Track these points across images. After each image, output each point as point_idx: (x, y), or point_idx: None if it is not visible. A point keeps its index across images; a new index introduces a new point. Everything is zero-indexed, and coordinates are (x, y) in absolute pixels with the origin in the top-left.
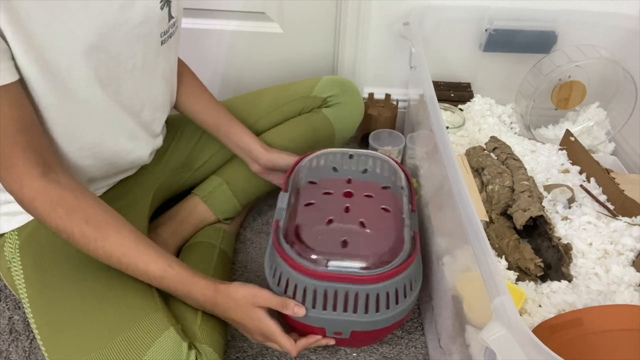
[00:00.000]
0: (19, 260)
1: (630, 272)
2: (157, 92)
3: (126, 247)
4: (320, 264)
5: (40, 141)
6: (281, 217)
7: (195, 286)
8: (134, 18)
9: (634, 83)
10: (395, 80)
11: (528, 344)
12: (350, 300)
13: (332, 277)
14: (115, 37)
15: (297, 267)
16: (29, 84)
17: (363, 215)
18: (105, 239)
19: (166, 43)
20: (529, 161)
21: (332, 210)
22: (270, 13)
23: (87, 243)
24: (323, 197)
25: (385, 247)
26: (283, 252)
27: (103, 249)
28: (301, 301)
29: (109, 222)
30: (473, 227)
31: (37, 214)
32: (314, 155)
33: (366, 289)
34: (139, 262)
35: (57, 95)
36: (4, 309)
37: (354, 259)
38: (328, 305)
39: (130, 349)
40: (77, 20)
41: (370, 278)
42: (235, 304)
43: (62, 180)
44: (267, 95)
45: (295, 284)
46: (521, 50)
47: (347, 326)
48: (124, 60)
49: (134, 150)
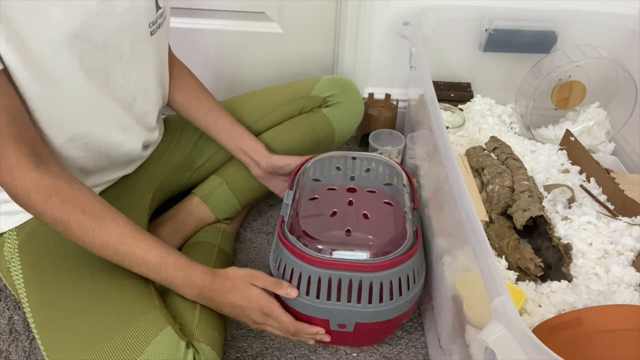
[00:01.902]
0: (18, 260)
1: (630, 272)
2: (149, 84)
3: (124, 236)
4: (324, 253)
5: (30, 131)
6: (286, 213)
7: (194, 271)
8: (119, 6)
9: (634, 83)
10: (395, 80)
11: (528, 344)
12: (354, 289)
13: (336, 264)
14: (100, 26)
15: (302, 256)
16: (12, 73)
17: (366, 208)
18: (102, 227)
19: (155, 34)
20: (529, 161)
21: (336, 204)
22: (270, 13)
23: (84, 233)
24: (327, 192)
25: (388, 236)
26: (288, 243)
27: (100, 239)
28: (305, 291)
29: (104, 211)
30: (473, 227)
31: (32, 205)
32: (319, 158)
33: (370, 277)
34: (137, 250)
35: (41, 85)
36: (4, 309)
37: (358, 248)
38: (332, 294)
39: (128, 347)
40: (58, 8)
41: (374, 265)
42: (233, 284)
43: (54, 170)
44: (267, 95)
45: (299, 273)
46: (521, 50)
47: (351, 317)
48: (111, 50)
49: (125, 143)
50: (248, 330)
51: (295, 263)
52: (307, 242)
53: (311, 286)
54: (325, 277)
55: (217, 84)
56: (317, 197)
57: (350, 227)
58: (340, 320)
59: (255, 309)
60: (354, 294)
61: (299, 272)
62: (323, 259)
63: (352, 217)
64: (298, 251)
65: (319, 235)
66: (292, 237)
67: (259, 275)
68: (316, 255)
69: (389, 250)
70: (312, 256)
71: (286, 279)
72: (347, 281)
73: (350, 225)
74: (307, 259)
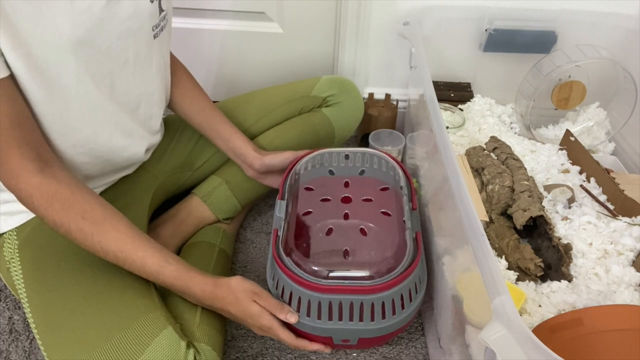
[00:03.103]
0: (18, 260)
1: (630, 272)
2: (153, 87)
3: (123, 242)
4: (321, 275)
5: (35, 136)
6: (279, 226)
7: (192, 281)
8: (123, 12)
9: (634, 83)
10: (395, 80)
11: (528, 344)
12: (356, 310)
13: (336, 289)
14: (104, 32)
15: (299, 281)
16: (18, 79)
17: (363, 222)
18: (102, 234)
19: (158, 37)
20: (529, 161)
21: (331, 219)
22: (270, 13)
23: (85, 238)
24: (321, 205)
25: (387, 254)
26: (284, 266)
27: (100, 244)
28: (305, 313)
29: (106, 217)
30: (473, 227)
31: (34, 208)
32: (309, 157)
33: (371, 299)
34: (136, 257)
35: (47, 91)
36: (4, 309)
37: (357, 269)
38: (333, 316)
39: (129, 347)
40: (63, 15)
41: (375, 288)
42: (234, 298)
43: (58, 175)
44: (267, 95)
45: (298, 297)
46: (521, 50)
47: (353, 334)
48: (115, 55)
49: (129, 148)
50: (248, 330)
51: (293, 287)
52: (303, 263)
53: (311, 309)
54: (325, 301)
55: (217, 84)
56: (310, 211)
57: (347, 247)
58: (343, 337)
59: (255, 325)
60: (355, 314)
61: (298, 295)
62: (321, 285)
63: (348, 234)
64: (295, 276)
65: (316, 258)
66: (288, 260)
67: (262, 294)
68: (314, 281)
69: (389, 268)
70: (310, 282)
71: (285, 300)
72: (347, 304)
73: (347, 244)
74: (305, 285)
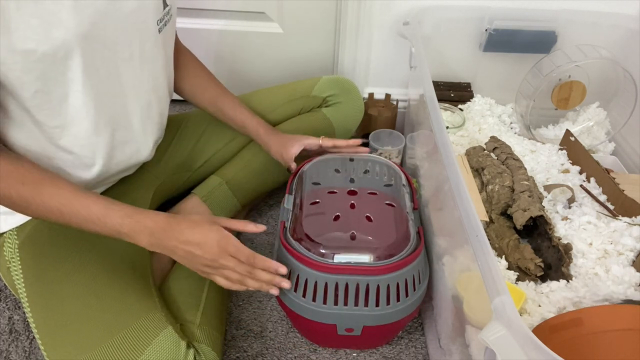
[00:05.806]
0: (18, 260)
1: (630, 272)
2: (160, 82)
3: (63, 196)
4: (328, 257)
5: None
6: (287, 218)
7: (143, 214)
8: (127, 5)
9: (634, 83)
10: (395, 80)
11: (528, 344)
12: (361, 292)
13: (342, 269)
14: (109, 26)
15: (307, 262)
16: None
17: (369, 211)
18: (42, 193)
19: (163, 31)
20: (529, 161)
21: (338, 207)
22: (270, 13)
23: (28, 204)
24: (328, 196)
25: (392, 238)
26: (292, 249)
27: (43, 205)
28: (312, 297)
29: (45, 178)
30: (473, 227)
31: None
32: (316, 160)
33: (376, 280)
34: (79, 206)
35: (53, 88)
36: (4, 309)
37: (363, 251)
38: (339, 299)
39: (129, 347)
40: (67, 10)
41: (380, 269)
42: (192, 222)
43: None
44: (267, 95)
45: (305, 279)
46: (521, 50)
47: (358, 321)
48: (121, 50)
49: (141, 147)
50: (248, 330)
51: (301, 269)
52: (311, 247)
53: (317, 292)
54: (332, 282)
55: None
56: (318, 201)
57: (354, 230)
58: (347, 325)
59: (213, 245)
60: (361, 298)
61: (304, 278)
62: (328, 264)
63: (355, 220)
64: (303, 257)
65: (323, 240)
66: (296, 243)
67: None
68: (321, 261)
69: (394, 252)
70: (318, 262)
71: (292, 284)
72: (353, 285)
73: (354, 228)
74: (313, 265)
